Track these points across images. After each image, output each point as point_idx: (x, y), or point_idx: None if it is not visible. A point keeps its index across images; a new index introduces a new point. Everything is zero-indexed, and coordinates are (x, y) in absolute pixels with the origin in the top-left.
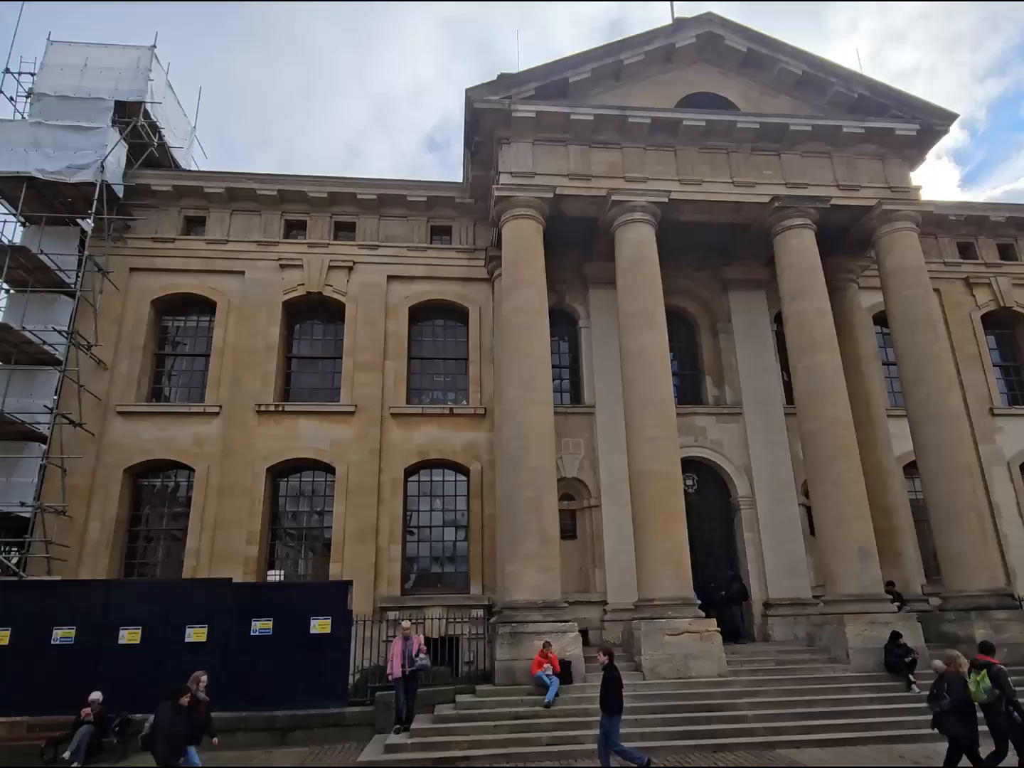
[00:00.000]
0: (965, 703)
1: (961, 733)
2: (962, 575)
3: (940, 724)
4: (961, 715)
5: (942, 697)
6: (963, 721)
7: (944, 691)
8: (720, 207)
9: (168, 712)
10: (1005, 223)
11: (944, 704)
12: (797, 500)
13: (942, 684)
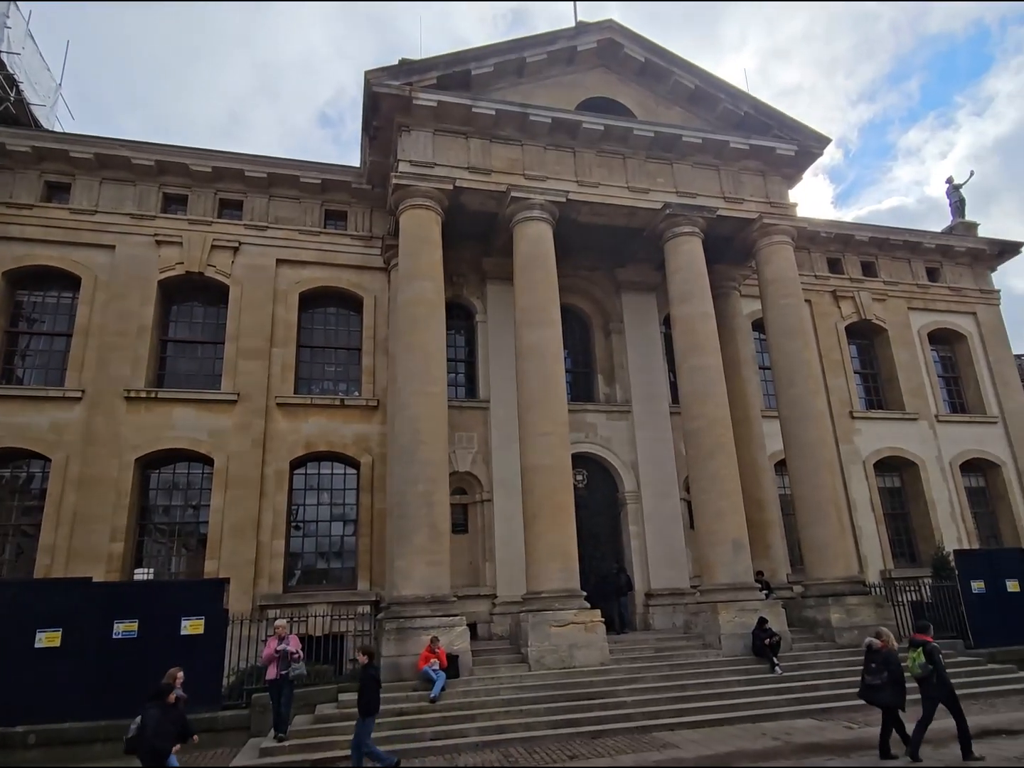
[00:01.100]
0: (901, 675)
1: (894, 703)
2: (822, 564)
3: (872, 695)
4: (895, 686)
5: (881, 671)
6: (896, 692)
7: (881, 665)
8: (616, 210)
9: (157, 712)
10: (868, 242)
11: (884, 677)
12: (679, 495)
13: (878, 659)
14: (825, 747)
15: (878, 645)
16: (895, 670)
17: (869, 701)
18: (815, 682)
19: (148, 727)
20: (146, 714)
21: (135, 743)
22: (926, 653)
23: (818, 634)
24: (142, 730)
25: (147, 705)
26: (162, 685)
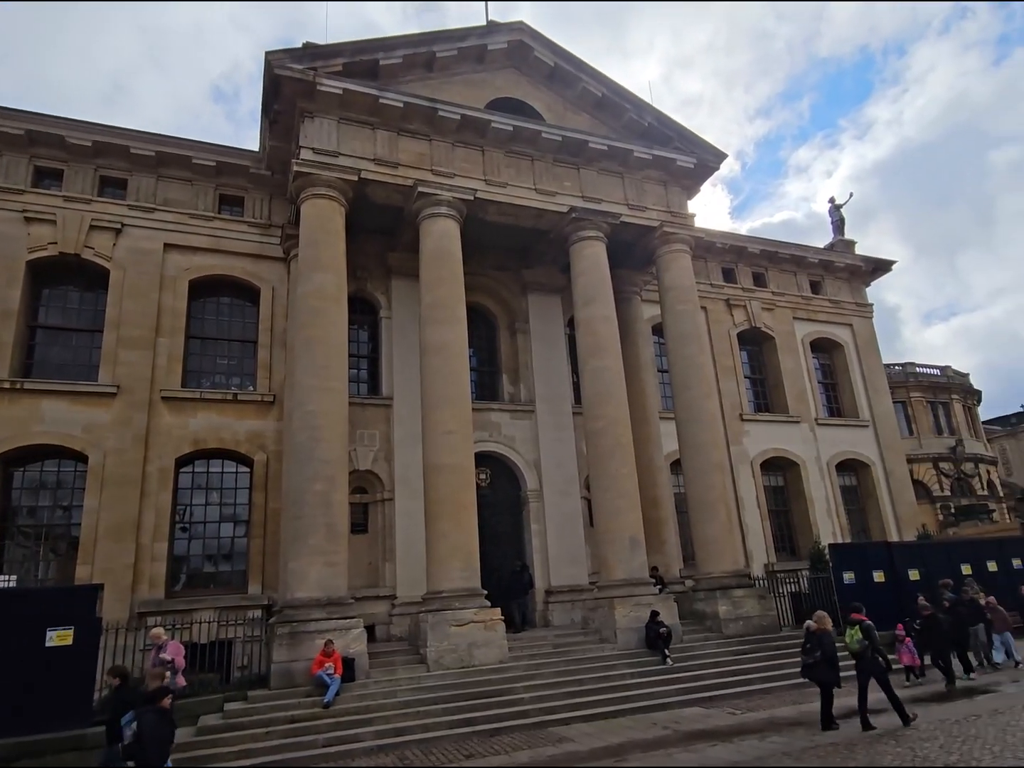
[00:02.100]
0: (833, 655)
1: (830, 678)
2: (712, 559)
3: (811, 673)
4: (830, 664)
5: (815, 651)
6: (831, 668)
7: (816, 645)
8: (523, 211)
9: (154, 717)
10: (759, 255)
11: (816, 656)
12: (580, 494)
13: (813, 640)
14: (710, 733)
15: (814, 627)
16: (828, 650)
17: (807, 678)
18: (703, 672)
19: (146, 733)
20: (142, 720)
21: (133, 750)
22: (863, 630)
23: (707, 626)
24: (138, 736)
25: (141, 710)
26: (157, 688)
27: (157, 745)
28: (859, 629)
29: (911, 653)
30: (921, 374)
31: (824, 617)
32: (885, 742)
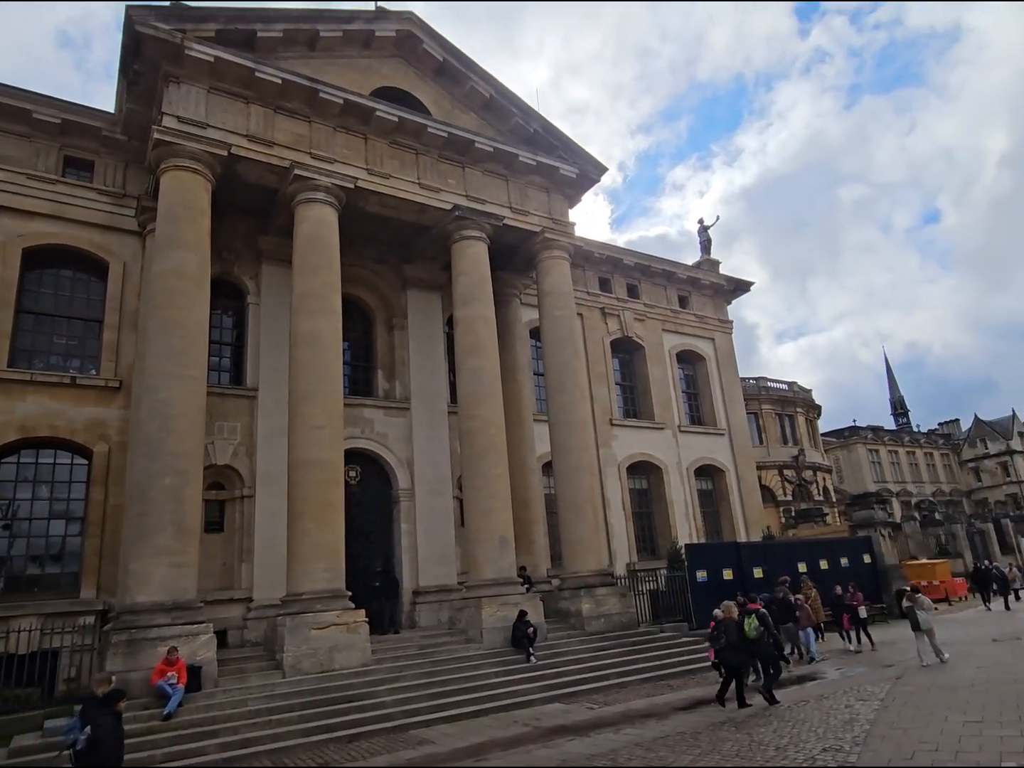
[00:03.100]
0: (738, 641)
1: (736, 662)
2: (578, 558)
3: (720, 657)
4: (735, 649)
5: (721, 638)
6: (736, 653)
7: (722, 633)
8: (406, 205)
9: (111, 720)
10: (633, 267)
11: (722, 642)
12: (453, 493)
13: (720, 628)
14: (568, 729)
15: (721, 616)
16: (732, 636)
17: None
18: (565, 669)
19: (103, 738)
20: (97, 723)
21: (86, 757)
22: (759, 618)
23: (570, 624)
24: (94, 740)
25: (95, 713)
26: (113, 691)
27: (117, 749)
28: (756, 617)
29: None
30: (772, 388)
31: (731, 607)
32: (730, 727)
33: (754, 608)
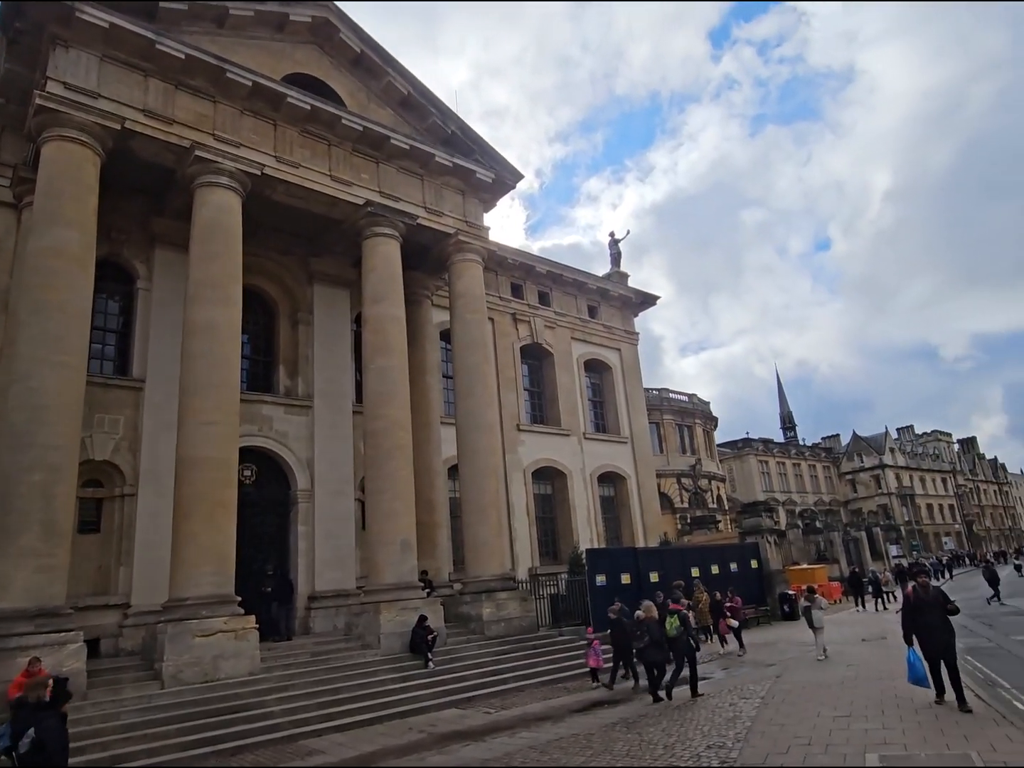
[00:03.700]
0: (660, 639)
1: (658, 659)
2: (480, 562)
3: (642, 655)
4: (657, 647)
5: (644, 636)
6: (658, 651)
7: (645, 632)
8: (316, 197)
9: (57, 723)
10: (545, 275)
11: (646, 640)
12: (355, 495)
13: (643, 627)
14: (464, 734)
15: (643, 617)
16: (654, 635)
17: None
18: (463, 674)
19: (49, 741)
20: (44, 727)
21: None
22: (680, 619)
23: (471, 628)
24: (39, 744)
25: (40, 715)
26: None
27: (63, 751)
28: (677, 618)
29: (597, 656)
30: (673, 399)
31: (651, 607)
32: (622, 728)
33: (675, 608)
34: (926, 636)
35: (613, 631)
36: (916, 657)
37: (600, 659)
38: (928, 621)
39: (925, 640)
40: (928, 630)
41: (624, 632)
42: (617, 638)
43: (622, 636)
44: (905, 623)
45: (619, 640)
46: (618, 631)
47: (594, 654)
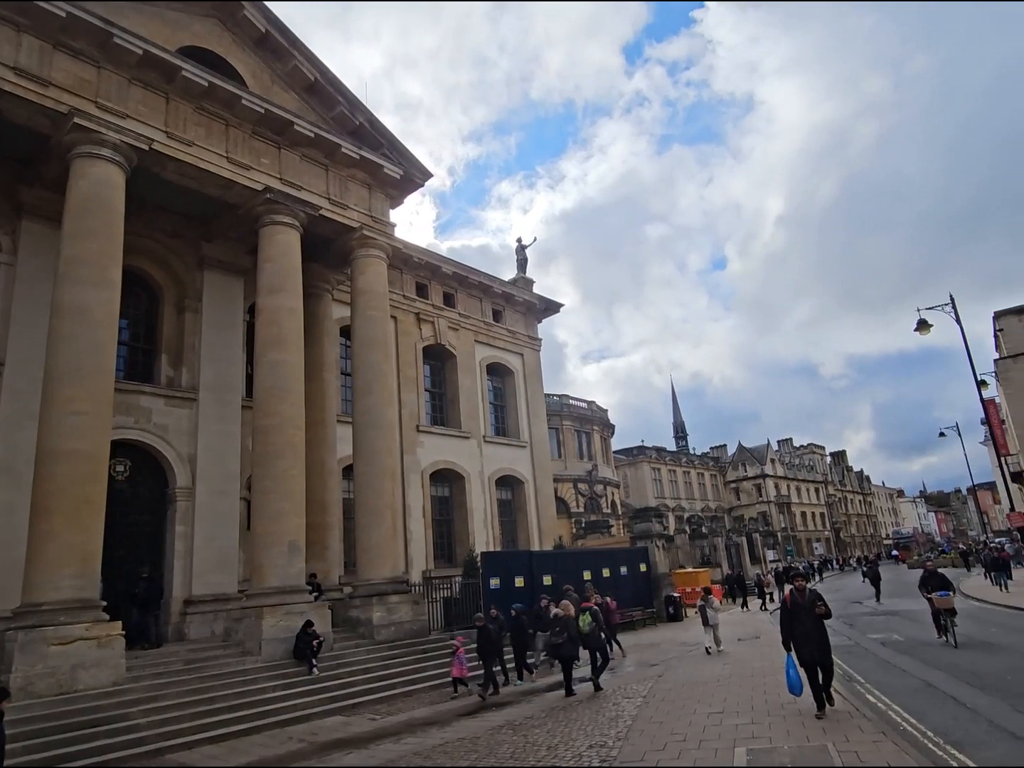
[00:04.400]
0: (575, 635)
1: (572, 654)
2: (372, 565)
3: (558, 650)
4: (572, 642)
5: (562, 633)
6: (573, 646)
7: (563, 629)
8: (210, 178)
9: None
10: (451, 276)
11: (563, 637)
12: (240, 494)
13: (559, 624)
14: (347, 742)
15: (561, 614)
16: (572, 632)
17: (554, 655)
18: (350, 679)
19: None
20: None
21: None
22: (592, 615)
23: (360, 632)
24: None
25: None
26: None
27: None
28: (589, 614)
29: (461, 665)
30: (573, 406)
31: (568, 605)
32: (508, 731)
33: (587, 606)
34: (802, 641)
35: (479, 638)
36: (791, 664)
37: (465, 668)
38: (804, 626)
39: (800, 646)
40: (804, 635)
41: (490, 639)
42: (483, 645)
43: (488, 643)
44: (783, 628)
45: (484, 647)
46: (484, 638)
47: (458, 663)
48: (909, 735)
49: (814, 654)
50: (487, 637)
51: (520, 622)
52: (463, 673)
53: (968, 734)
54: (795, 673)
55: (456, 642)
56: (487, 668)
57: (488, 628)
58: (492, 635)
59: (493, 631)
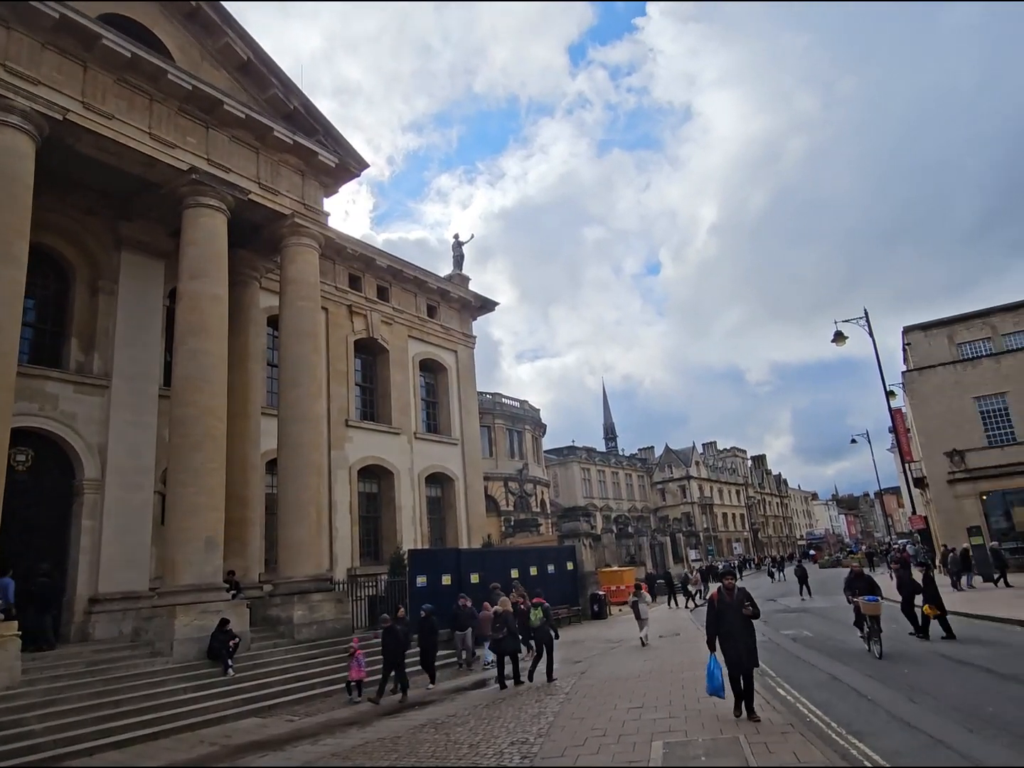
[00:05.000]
0: (515, 630)
1: (514, 647)
2: (295, 563)
3: (499, 644)
4: (513, 637)
5: (503, 628)
6: (513, 640)
7: (503, 624)
8: (131, 155)
9: None
10: (386, 269)
11: (503, 632)
12: (154, 487)
13: (500, 620)
14: (263, 744)
15: (501, 611)
16: (512, 627)
17: (495, 650)
18: (267, 680)
19: None
20: None
21: None
22: (543, 610)
23: (279, 632)
24: None
25: None
26: None
27: None
28: (541, 610)
29: (360, 667)
30: (506, 405)
31: (507, 601)
32: (430, 729)
33: (539, 602)
34: (729, 642)
35: (385, 640)
36: (716, 665)
37: (363, 670)
38: (731, 626)
39: (727, 647)
40: (731, 636)
41: (397, 641)
42: (389, 648)
43: (394, 645)
44: (709, 627)
45: (390, 650)
46: (390, 640)
47: (356, 664)
48: (815, 726)
49: (741, 656)
50: (393, 638)
51: (429, 623)
52: (362, 675)
53: (868, 724)
54: (719, 675)
55: (353, 643)
56: (385, 672)
57: (395, 629)
58: (398, 636)
59: (399, 632)
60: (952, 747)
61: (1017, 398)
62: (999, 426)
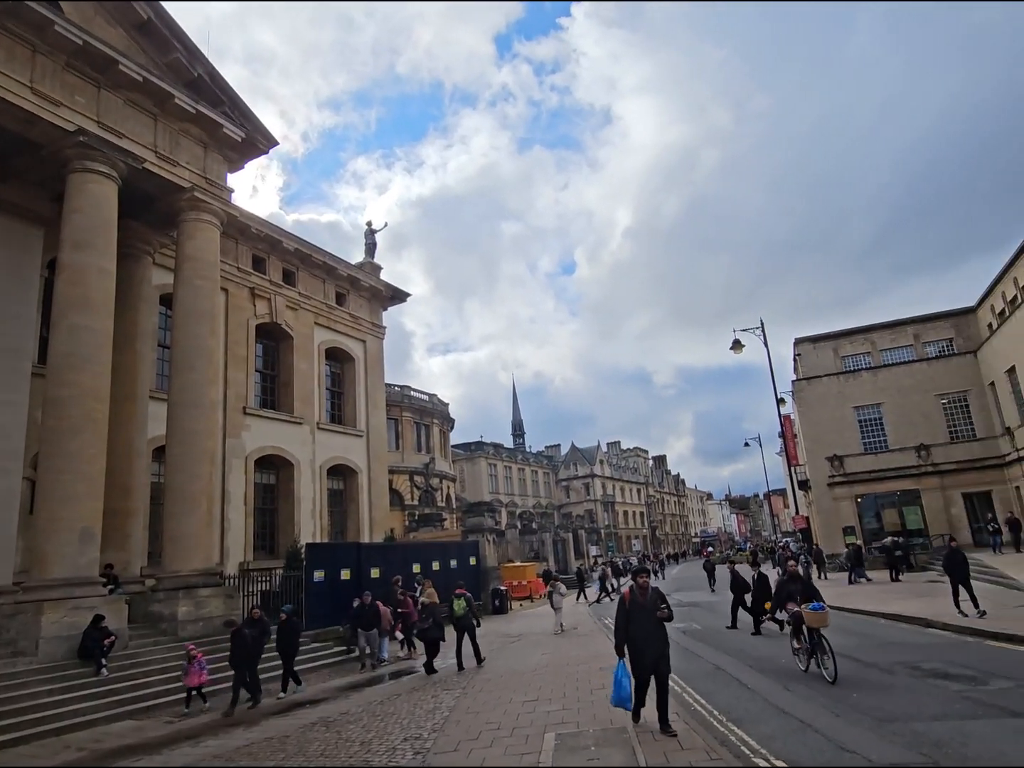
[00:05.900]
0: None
1: (437, 636)
2: (181, 556)
3: (425, 633)
4: (438, 627)
5: (429, 618)
6: (437, 629)
7: (429, 615)
8: (9, 110)
9: None
10: (293, 252)
11: (429, 622)
12: (23, 473)
13: (427, 611)
14: (138, 747)
15: (427, 603)
16: (437, 617)
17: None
18: (146, 680)
19: None
20: None
21: None
22: (466, 600)
23: (161, 629)
24: None
25: None
26: None
27: None
28: (464, 600)
29: (202, 672)
30: (414, 397)
31: (433, 594)
32: (321, 727)
33: (461, 592)
34: (639, 647)
35: (233, 644)
36: (624, 673)
37: (206, 675)
38: (644, 629)
39: (637, 653)
40: (642, 640)
41: (244, 646)
42: (235, 652)
43: (241, 650)
44: (618, 631)
45: (237, 654)
46: (237, 644)
47: (196, 669)
48: (698, 714)
49: (655, 662)
50: (241, 643)
51: (290, 625)
52: (203, 681)
53: (747, 712)
54: (627, 684)
55: (190, 647)
56: (237, 679)
57: (243, 633)
58: (247, 640)
59: (249, 636)
60: (819, 731)
61: (890, 408)
62: (874, 434)
